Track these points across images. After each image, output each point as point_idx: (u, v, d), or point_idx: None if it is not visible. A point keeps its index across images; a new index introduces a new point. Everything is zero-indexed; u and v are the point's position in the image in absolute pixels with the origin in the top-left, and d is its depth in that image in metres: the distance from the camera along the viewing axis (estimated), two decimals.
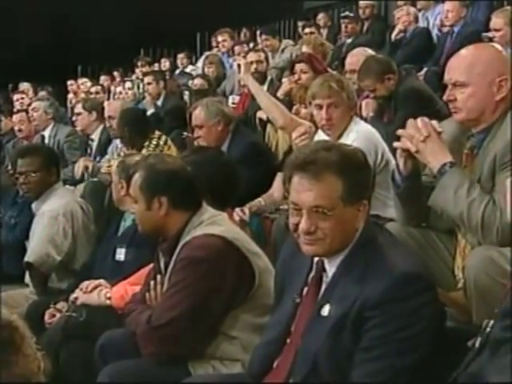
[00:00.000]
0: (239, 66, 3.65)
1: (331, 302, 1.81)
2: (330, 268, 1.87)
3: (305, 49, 5.77)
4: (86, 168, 4.80)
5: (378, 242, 1.85)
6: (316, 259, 1.89)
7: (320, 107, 3.24)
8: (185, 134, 5.37)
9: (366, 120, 3.80)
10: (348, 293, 1.78)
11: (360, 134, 3.18)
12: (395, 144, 2.15)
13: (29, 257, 3.56)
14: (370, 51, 4.57)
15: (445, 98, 2.18)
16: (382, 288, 1.74)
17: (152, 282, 2.38)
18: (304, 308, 1.88)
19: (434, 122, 2.10)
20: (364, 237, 1.85)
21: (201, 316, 2.19)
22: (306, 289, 1.90)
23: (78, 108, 5.43)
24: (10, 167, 4.52)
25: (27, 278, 3.71)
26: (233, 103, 5.67)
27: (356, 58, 4.43)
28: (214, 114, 3.87)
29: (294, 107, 3.92)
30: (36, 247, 3.60)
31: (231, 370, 2.18)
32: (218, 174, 2.69)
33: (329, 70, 4.92)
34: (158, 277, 2.38)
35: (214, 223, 2.29)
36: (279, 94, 5.02)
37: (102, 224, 3.97)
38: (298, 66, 4.80)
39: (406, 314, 1.74)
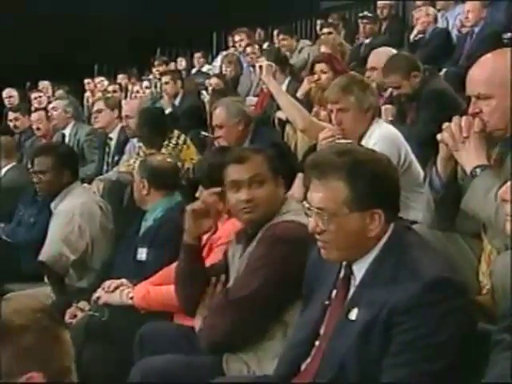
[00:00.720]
0: (260, 67, 3.63)
1: (359, 306, 1.80)
2: (359, 271, 1.85)
3: (323, 49, 5.76)
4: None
5: (407, 245, 1.83)
6: (344, 262, 1.89)
7: (331, 111, 3.25)
8: (203, 133, 5.39)
9: None
10: (376, 297, 1.77)
11: (382, 137, 3.15)
12: (438, 136, 2.10)
13: (42, 255, 3.57)
14: (394, 51, 4.54)
15: (470, 111, 2.13)
16: (411, 293, 1.72)
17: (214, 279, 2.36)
18: (332, 311, 1.88)
19: (476, 121, 2.06)
20: (393, 240, 1.83)
21: (269, 300, 2.16)
22: (334, 291, 1.89)
23: (100, 105, 5.42)
24: (29, 165, 4.52)
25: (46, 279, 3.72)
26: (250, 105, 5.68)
27: (379, 55, 4.39)
28: (235, 114, 3.87)
29: (314, 109, 3.91)
30: (49, 246, 3.61)
31: (264, 369, 2.15)
32: None
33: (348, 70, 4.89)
34: (222, 276, 2.37)
35: (301, 215, 2.19)
36: (299, 94, 5.01)
37: (121, 223, 3.98)
38: (318, 66, 4.79)
39: (435, 320, 1.71)
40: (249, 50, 7.27)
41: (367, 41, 7.01)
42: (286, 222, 2.23)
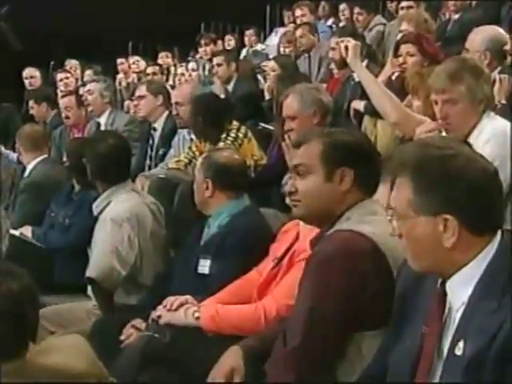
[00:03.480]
0: (346, 47, 3.60)
1: (465, 338, 1.76)
2: (454, 292, 1.82)
3: (405, 26, 5.68)
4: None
5: None
6: (439, 282, 1.86)
7: (436, 103, 3.19)
8: (262, 124, 5.39)
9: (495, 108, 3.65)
10: (485, 325, 1.73)
11: (496, 133, 3.09)
12: None
13: (90, 271, 3.60)
14: (499, 29, 4.45)
15: None
16: None
17: None
18: (429, 340, 1.85)
19: None
20: (500, 257, 1.80)
21: (331, 331, 2.14)
22: (430, 317, 1.86)
23: (142, 90, 5.45)
24: (65, 159, 4.58)
25: (90, 291, 3.75)
26: None
27: (481, 36, 4.31)
28: (310, 104, 3.84)
29: (407, 98, 3.87)
30: (98, 260, 3.64)
31: None
32: None
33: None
34: None
35: (365, 222, 2.21)
36: (379, 80, 4.96)
37: (170, 229, 4.01)
38: (404, 48, 4.72)
39: None
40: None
41: (456, 16, 6.91)
42: (339, 233, 2.19)
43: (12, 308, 1.92)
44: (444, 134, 3.20)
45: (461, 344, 1.77)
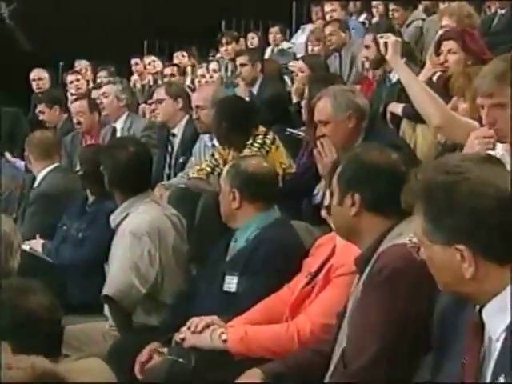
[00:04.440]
0: (385, 44, 3.61)
1: (505, 373, 1.76)
2: (491, 322, 1.82)
3: (446, 21, 5.68)
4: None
5: None
6: (477, 308, 1.86)
7: (482, 107, 3.18)
8: (289, 130, 5.40)
9: None
10: None
11: None
12: None
13: (107, 289, 3.62)
14: None
15: None
16: None
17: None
18: (468, 373, 1.85)
19: None
20: None
21: (393, 363, 2.17)
22: (468, 348, 1.87)
23: (160, 93, 5.49)
24: (78, 167, 4.61)
25: (106, 310, 3.77)
26: None
27: None
28: (344, 107, 3.85)
29: (451, 101, 3.86)
30: (116, 277, 3.66)
31: None
32: None
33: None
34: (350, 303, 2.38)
35: None
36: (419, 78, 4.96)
37: (192, 243, 4.03)
38: (446, 45, 4.73)
39: None
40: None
41: (502, 11, 6.89)
42: (397, 247, 2.23)
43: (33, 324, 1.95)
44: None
45: (501, 379, 1.77)
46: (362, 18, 8.95)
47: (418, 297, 2.18)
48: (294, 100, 5.99)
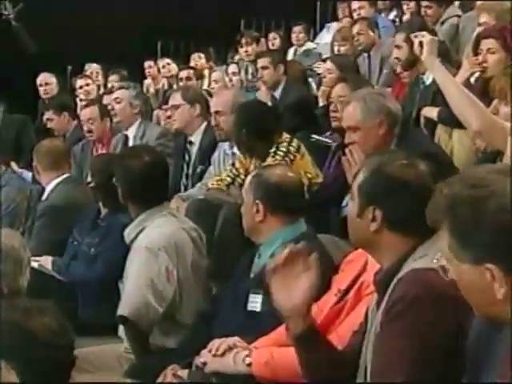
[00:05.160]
0: (420, 43, 3.61)
1: None
2: None
3: (485, 18, 5.69)
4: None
5: None
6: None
7: None
8: (315, 136, 5.41)
9: None
10: None
11: None
12: None
13: (123, 309, 3.64)
14: None
15: None
16: None
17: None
18: None
19: None
20: None
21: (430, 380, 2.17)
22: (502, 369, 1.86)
23: (176, 98, 5.52)
24: (89, 179, 4.65)
25: (121, 331, 3.79)
26: None
27: None
28: (375, 112, 3.86)
29: (493, 103, 3.85)
30: (131, 296, 3.68)
31: None
32: None
33: None
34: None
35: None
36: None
37: (212, 259, 4.04)
38: (485, 44, 4.73)
39: None
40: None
41: None
42: (415, 272, 2.24)
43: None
44: None
45: None
46: (392, 15, 8.95)
47: (443, 323, 2.17)
48: (321, 103, 5.99)
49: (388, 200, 2.36)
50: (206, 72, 8.58)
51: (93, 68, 9.07)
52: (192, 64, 8.94)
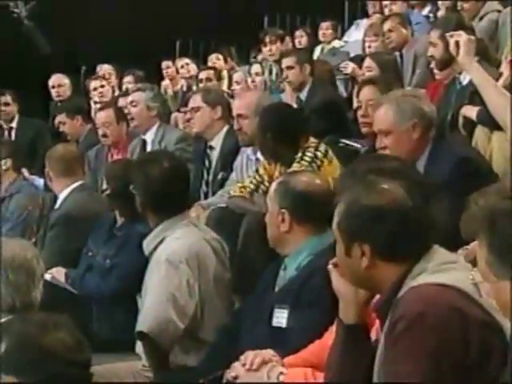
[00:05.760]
0: (457, 43, 3.62)
1: None
2: None
3: None
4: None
5: None
6: None
7: None
8: (343, 141, 5.41)
9: None
10: None
11: None
12: None
13: (142, 324, 3.66)
14: None
15: None
16: None
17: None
18: None
19: None
20: None
21: None
22: None
23: (197, 101, 5.54)
24: (104, 186, 4.67)
25: (139, 348, 3.81)
26: None
27: None
28: (409, 115, 3.87)
29: None
30: (151, 311, 3.70)
31: None
32: None
33: None
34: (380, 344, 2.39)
35: (442, 271, 2.33)
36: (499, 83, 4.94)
37: (234, 271, 4.06)
38: None
39: None
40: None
41: None
42: (414, 289, 2.28)
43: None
44: None
45: None
46: (426, 11, 8.91)
47: (450, 339, 2.20)
48: (355, 105, 5.99)
49: (371, 232, 2.39)
50: (225, 73, 8.60)
51: (106, 69, 9.11)
52: (210, 64, 8.95)
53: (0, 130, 7.85)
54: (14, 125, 7.83)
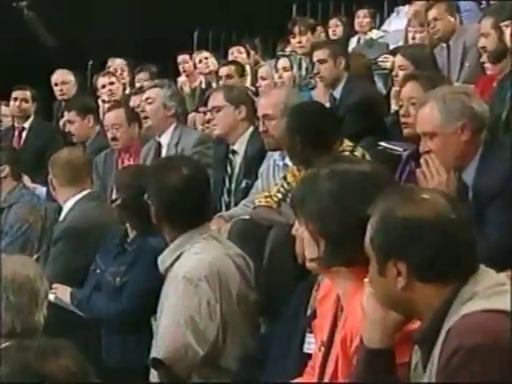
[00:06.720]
0: None
1: None
2: None
3: None
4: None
5: None
6: None
7: None
8: (383, 144, 5.41)
9: None
10: None
11: None
12: None
13: (158, 351, 3.68)
14: None
15: None
16: None
17: None
18: None
19: None
20: None
21: None
22: None
23: (218, 100, 5.56)
24: (114, 196, 4.70)
25: (153, 377, 3.82)
26: None
27: None
28: (457, 115, 3.85)
29: None
30: (167, 335, 3.71)
31: None
32: None
33: None
34: None
35: (495, 294, 2.34)
36: None
37: (260, 291, 4.06)
38: None
39: None
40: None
41: None
42: (469, 317, 2.27)
43: None
44: None
45: None
46: None
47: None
48: (394, 107, 5.98)
49: (408, 248, 2.37)
50: (248, 68, 8.61)
51: (116, 64, 9.14)
52: (231, 59, 8.95)
53: (10, 130, 7.90)
54: (26, 125, 7.89)
